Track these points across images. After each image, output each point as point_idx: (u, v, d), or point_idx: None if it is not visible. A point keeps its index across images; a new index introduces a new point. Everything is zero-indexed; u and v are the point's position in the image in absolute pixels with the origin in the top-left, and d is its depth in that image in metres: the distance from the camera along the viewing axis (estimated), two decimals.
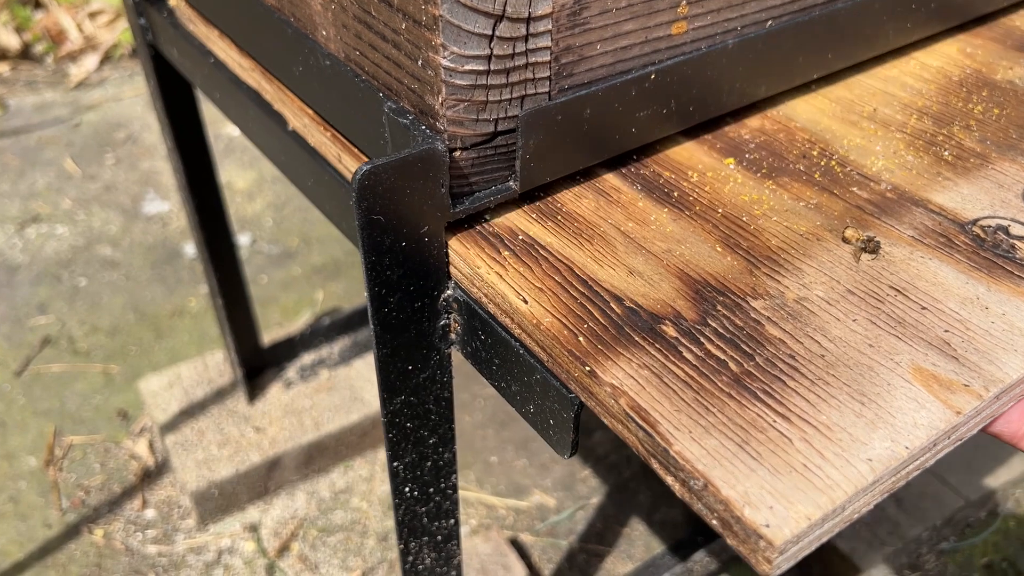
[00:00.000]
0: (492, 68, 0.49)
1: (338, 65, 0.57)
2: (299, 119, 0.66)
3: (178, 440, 1.35)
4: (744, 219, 0.54)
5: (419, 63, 0.49)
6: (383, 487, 1.37)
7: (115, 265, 1.83)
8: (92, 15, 2.67)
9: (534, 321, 0.47)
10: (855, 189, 0.57)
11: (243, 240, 1.89)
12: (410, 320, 0.54)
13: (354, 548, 1.31)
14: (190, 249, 1.86)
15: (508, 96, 0.51)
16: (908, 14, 0.69)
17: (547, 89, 0.52)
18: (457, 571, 0.75)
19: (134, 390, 1.53)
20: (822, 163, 0.59)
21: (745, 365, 0.43)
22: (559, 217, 0.55)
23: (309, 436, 1.35)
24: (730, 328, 0.46)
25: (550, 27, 0.50)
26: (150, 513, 1.36)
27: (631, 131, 0.58)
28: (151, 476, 1.41)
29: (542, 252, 0.52)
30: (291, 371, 1.43)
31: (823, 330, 0.46)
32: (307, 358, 1.45)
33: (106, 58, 2.56)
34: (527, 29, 0.49)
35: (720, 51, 0.59)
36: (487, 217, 0.55)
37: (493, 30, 0.48)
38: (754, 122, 0.64)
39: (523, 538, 1.32)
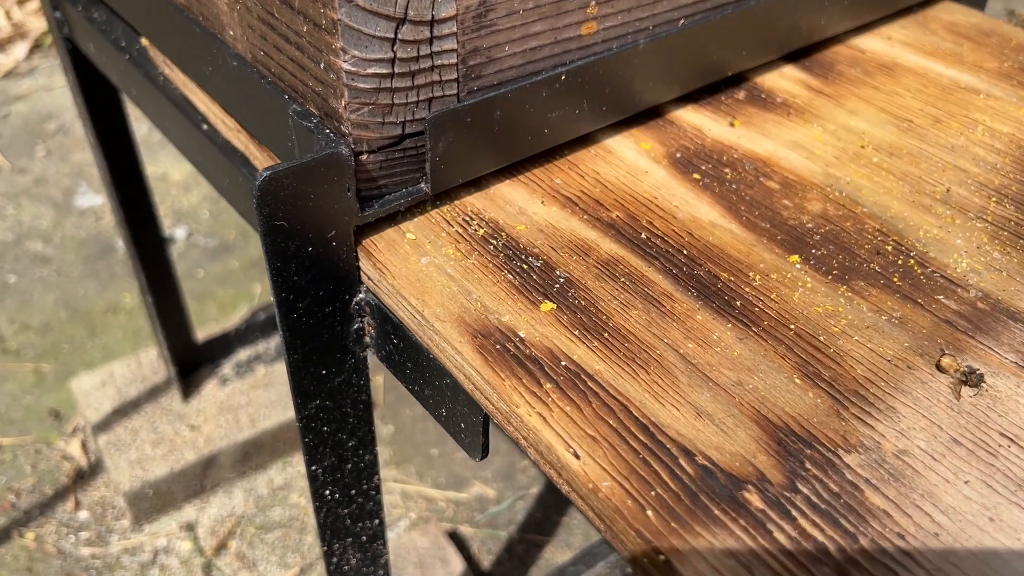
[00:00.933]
0: (396, 71, 0.49)
1: (245, 66, 0.57)
2: (214, 117, 0.65)
3: (111, 440, 1.33)
4: (822, 339, 0.48)
5: (321, 66, 0.49)
6: None
7: (46, 261, 1.78)
8: (21, 2, 2.59)
9: (590, 485, 0.40)
10: (941, 298, 0.51)
11: (179, 233, 1.86)
12: (321, 325, 0.54)
13: (292, 545, 1.30)
14: None
15: (415, 99, 0.51)
16: (821, 9, 0.71)
17: (455, 91, 0.52)
18: (384, 570, 0.76)
19: (66, 389, 1.50)
20: (899, 262, 0.53)
21: (848, 550, 0.37)
22: (606, 335, 0.48)
23: (246, 433, 1.34)
24: (825, 496, 0.40)
25: (455, 29, 0.50)
26: (83, 515, 1.33)
27: (544, 132, 0.58)
28: (84, 477, 1.38)
29: (591, 384, 0.45)
30: (227, 367, 1.42)
31: (932, 496, 0.40)
32: (243, 354, 1.44)
33: (36, 47, 2.49)
34: (431, 32, 0.49)
35: (632, 51, 0.59)
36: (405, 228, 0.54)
37: (395, 33, 0.48)
38: (815, 206, 0.58)
39: (463, 530, 1.32)
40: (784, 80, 0.72)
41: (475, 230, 0.55)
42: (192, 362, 1.39)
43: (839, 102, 0.69)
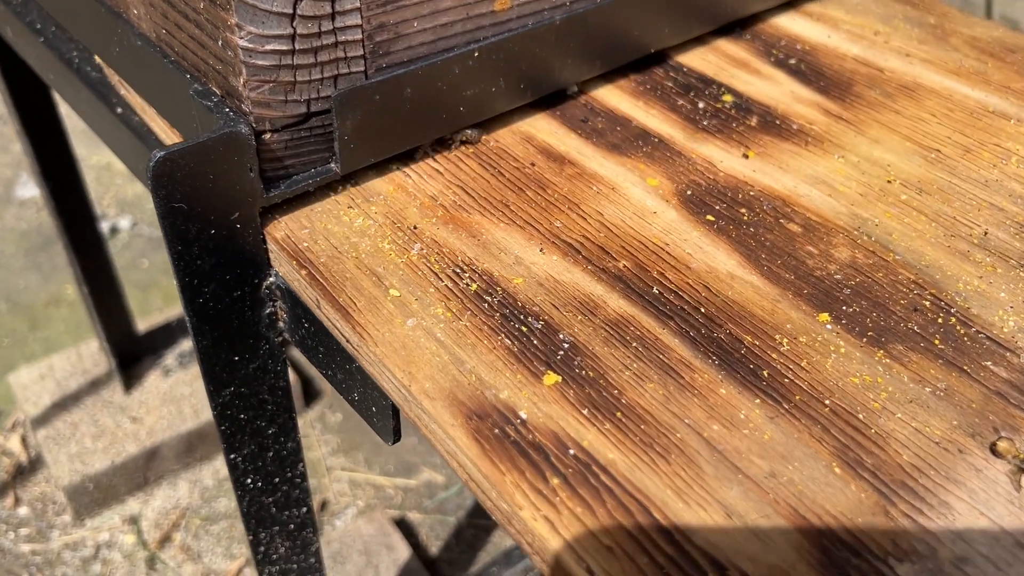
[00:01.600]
0: (297, 47, 0.48)
1: (149, 46, 0.56)
2: (134, 100, 0.63)
3: (50, 434, 1.30)
4: (861, 417, 0.43)
5: (219, 43, 0.48)
6: None
7: None
8: None
9: None
10: (989, 364, 0.46)
11: (123, 223, 1.79)
12: (230, 310, 0.53)
13: (238, 536, 1.28)
14: None
15: (319, 76, 0.50)
16: None
17: (362, 68, 0.51)
18: (316, 558, 0.74)
19: (5, 384, 1.46)
20: (939, 320, 0.48)
21: None
22: (619, 414, 0.42)
23: (189, 424, 1.32)
24: None
25: (358, 4, 0.49)
26: (23, 511, 1.30)
27: (459, 110, 0.57)
28: (24, 472, 1.35)
29: (604, 479, 0.39)
30: (169, 358, 1.40)
31: None
32: (186, 344, 1.41)
33: None
34: (332, 7, 0.48)
35: (548, 27, 0.58)
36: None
37: (294, 9, 0.47)
38: (842, 252, 0.52)
39: (411, 516, 1.32)
40: (799, 104, 0.66)
41: (467, 284, 0.49)
42: (134, 354, 1.37)
43: (860, 129, 0.64)
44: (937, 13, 0.79)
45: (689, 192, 0.57)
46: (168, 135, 0.59)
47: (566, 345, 0.46)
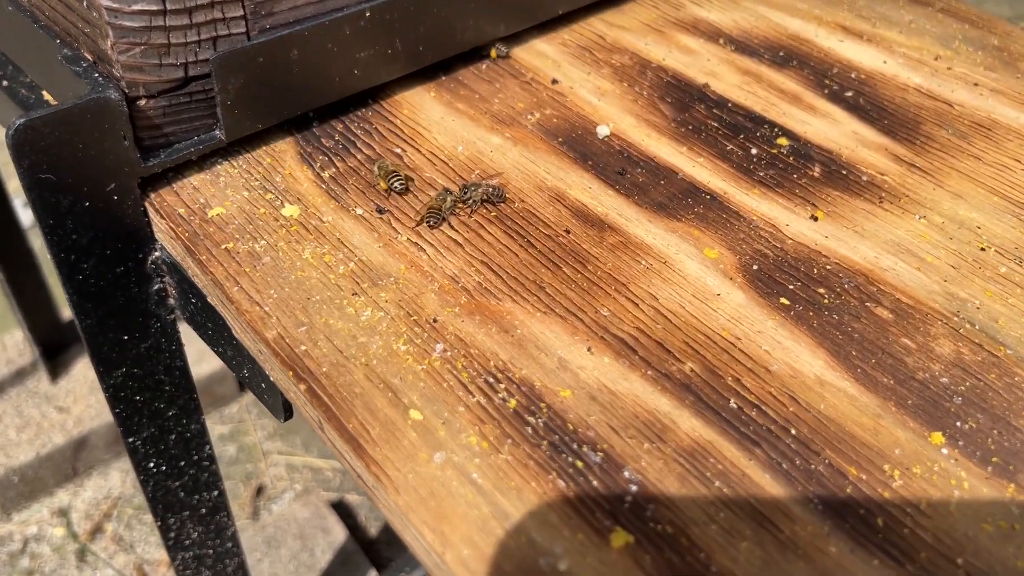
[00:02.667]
0: (169, 8, 0.45)
1: (20, 11, 0.52)
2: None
3: None
4: None
5: (84, 4, 0.45)
6: None
7: None
8: None
9: None
10: None
11: None
12: (114, 287, 0.50)
13: None
14: None
15: (195, 38, 0.47)
16: None
17: (243, 29, 0.49)
18: (232, 542, 0.72)
19: None
20: None
21: None
22: None
23: None
24: None
25: None
26: None
27: (353, 73, 0.54)
28: None
29: None
30: None
31: None
32: None
33: None
34: None
35: None
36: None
37: None
38: (944, 347, 0.44)
39: (349, 499, 1.30)
40: (865, 148, 0.57)
41: (504, 399, 0.40)
42: (59, 342, 1.32)
43: (938, 180, 0.55)
44: (1000, 32, 0.70)
45: (755, 267, 0.48)
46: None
47: (633, 488, 0.37)
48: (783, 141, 0.58)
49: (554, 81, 0.63)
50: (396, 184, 0.51)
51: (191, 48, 0.47)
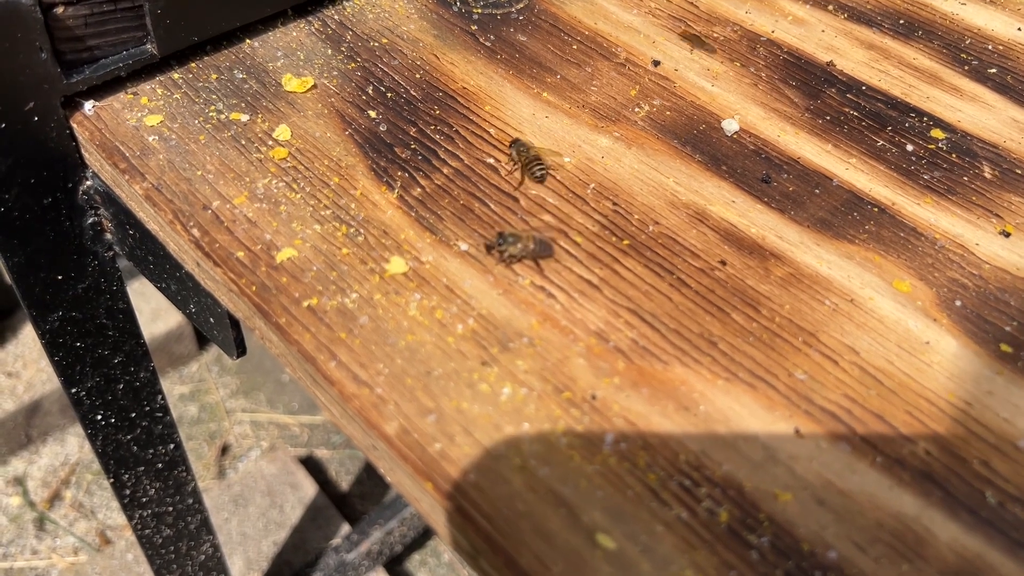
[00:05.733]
0: None
1: None
2: None
3: None
4: None
5: None
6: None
7: None
8: None
9: None
10: None
11: None
12: (42, 220, 0.46)
13: None
14: None
15: None
16: None
17: None
18: (194, 498, 0.69)
19: None
20: None
21: None
22: None
23: None
24: None
25: None
26: None
27: None
28: None
29: None
30: None
31: None
32: None
33: None
34: None
35: None
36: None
37: None
38: None
39: (318, 454, 1.29)
40: None
41: (711, 510, 0.31)
42: (4, 307, 1.27)
43: None
44: None
45: (958, 302, 0.40)
46: None
47: None
48: (938, 133, 0.49)
49: (655, 63, 0.52)
50: (538, 172, 0.42)
51: None
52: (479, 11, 0.56)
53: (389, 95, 0.49)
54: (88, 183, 0.47)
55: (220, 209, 0.41)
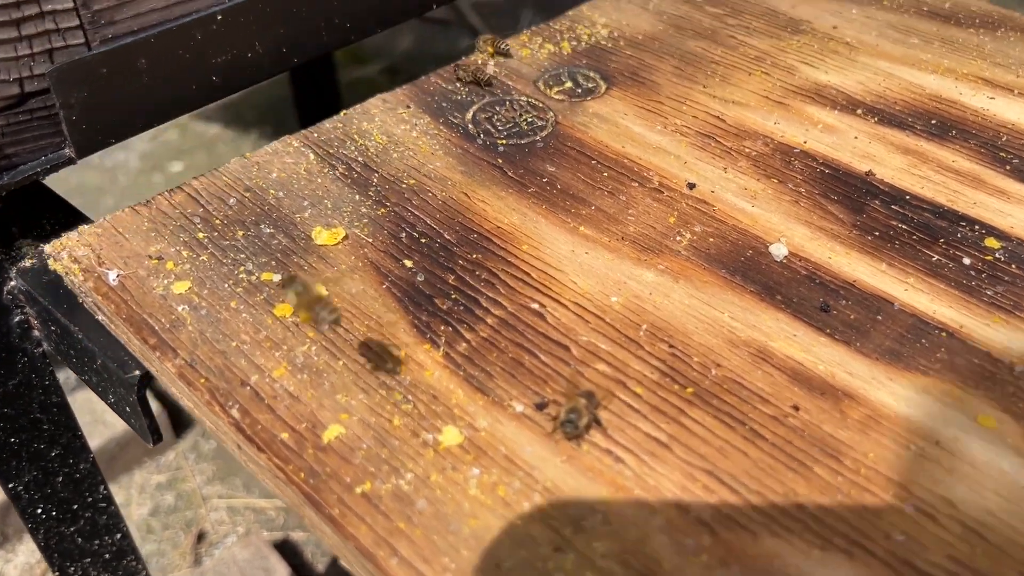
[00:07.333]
0: None
1: None
2: None
3: None
4: None
5: None
6: (140, 511, 1.29)
7: None
8: None
9: None
10: None
11: None
12: None
13: None
14: None
15: (28, 51, 0.45)
16: None
17: (82, 40, 0.47)
18: None
19: None
20: None
21: None
22: None
23: None
24: None
25: None
26: None
27: (211, 79, 0.52)
28: None
29: None
30: None
31: None
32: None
33: None
34: None
35: None
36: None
37: None
38: None
39: (294, 536, 1.26)
40: None
41: None
42: None
43: None
44: None
45: None
46: None
47: None
48: (992, 243, 0.47)
49: (690, 185, 0.51)
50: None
51: (24, 62, 0.45)
52: (503, 142, 0.54)
53: (423, 240, 0.47)
54: (12, 283, 0.48)
55: (259, 384, 0.39)
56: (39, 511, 0.57)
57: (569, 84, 0.60)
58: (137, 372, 0.43)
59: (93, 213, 0.51)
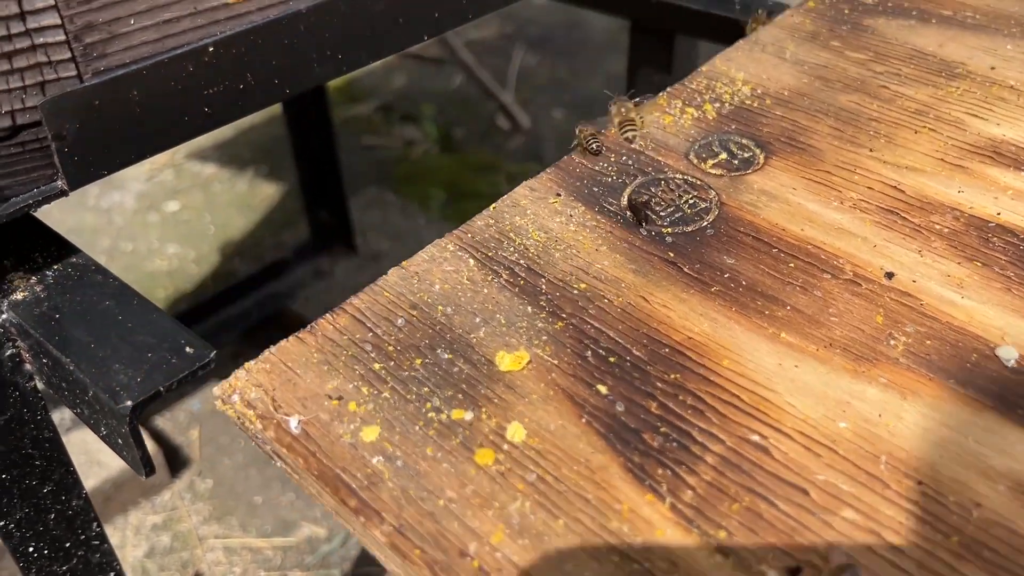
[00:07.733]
0: None
1: None
2: None
3: None
4: None
5: None
6: (136, 552, 1.29)
7: None
8: None
9: None
10: None
11: None
12: None
13: None
14: None
15: (19, 84, 0.46)
16: None
17: (74, 72, 0.48)
18: None
19: None
20: None
21: None
22: None
23: None
24: None
25: (53, 3, 0.46)
26: None
27: (203, 110, 0.53)
28: None
29: None
30: None
31: None
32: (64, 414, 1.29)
33: None
34: (20, 6, 0.44)
35: (294, 17, 0.54)
36: None
37: None
38: None
39: None
40: None
41: None
42: None
43: None
44: None
45: None
46: None
47: None
48: None
49: (888, 275, 0.47)
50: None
51: (16, 95, 0.46)
52: (669, 231, 0.51)
53: (612, 360, 0.43)
54: (3, 316, 0.48)
55: (481, 555, 0.35)
56: (31, 549, 0.57)
57: (724, 155, 0.56)
58: (129, 402, 0.43)
59: (90, 254, 0.52)
